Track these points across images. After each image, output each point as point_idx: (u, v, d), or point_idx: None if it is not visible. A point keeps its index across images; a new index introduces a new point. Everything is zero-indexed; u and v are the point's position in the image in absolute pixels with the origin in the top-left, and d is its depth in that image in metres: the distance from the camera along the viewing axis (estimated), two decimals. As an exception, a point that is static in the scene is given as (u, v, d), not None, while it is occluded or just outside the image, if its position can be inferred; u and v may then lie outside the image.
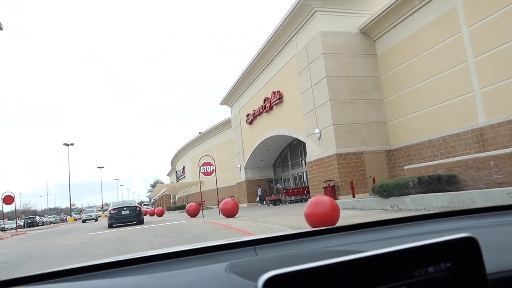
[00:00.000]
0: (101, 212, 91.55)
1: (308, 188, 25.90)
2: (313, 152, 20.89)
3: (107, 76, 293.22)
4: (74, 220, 61.84)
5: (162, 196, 54.72)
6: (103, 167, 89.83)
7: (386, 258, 0.53)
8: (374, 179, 16.93)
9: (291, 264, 0.48)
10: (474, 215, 1.26)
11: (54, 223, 71.67)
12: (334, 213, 7.65)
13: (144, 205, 64.73)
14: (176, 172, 65.62)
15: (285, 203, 25.60)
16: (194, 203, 20.51)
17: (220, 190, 43.59)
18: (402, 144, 19.08)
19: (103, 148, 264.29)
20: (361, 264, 0.51)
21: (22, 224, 55.14)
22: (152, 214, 36.06)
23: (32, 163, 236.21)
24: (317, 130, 20.17)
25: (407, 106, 18.70)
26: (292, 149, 30.59)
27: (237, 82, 32.39)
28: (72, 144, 60.17)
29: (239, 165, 34.72)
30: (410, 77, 18.43)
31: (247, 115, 31.23)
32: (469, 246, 0.58)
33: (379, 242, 1.07)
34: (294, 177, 30.52)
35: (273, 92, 25.53)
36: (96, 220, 46.34)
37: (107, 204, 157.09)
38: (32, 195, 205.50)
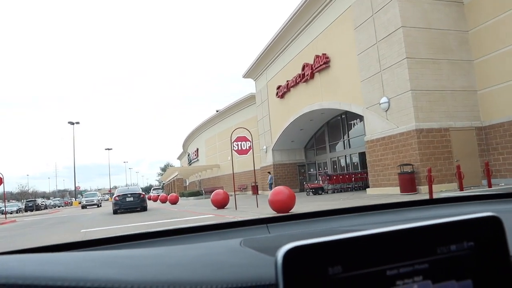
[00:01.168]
0: (109, 195, 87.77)
1: (357, 174, 21.33)
2: (376, 128, 16.18)
3: (118, 62, 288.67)
4: (79, 203, 57.96)
5: (174, 180, 50.42)
6: (111, 149, 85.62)
7: (408, 234, 0.51)
8: (486, 164, 12.18)
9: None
10: (499, 200, 1.22)
11: (58, 206, 68.13)
12: None
13: (154, 189, 60.50)
14: (189, 155, 61.30)
15: (327, 192, 21.01)
16: (221, 190, 15.96)
17: (238, 175, 39.22)
18: (501, 120, 14.29)
19: (113, 131, 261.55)
20: (383, 239, 0.50)
21: (23, 207, 51.38)
22: (163, 201, 31.57)
23: (43, 144, 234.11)
24: (384, 99, 15.44)
25: (508, 69, 13.89)
26: (331, 128, 25.86)
27: (264, 50, 27.59)
28: (77, 123, 56.29)
29: (264, 147, 30.12)
30: (516, 29, 13.60)
31: (278, 88, 26.49)
32: (493, 226, 0.55)
33: (390, 223, 0.97)
34: (333, 161, 25.83)
35: (317, 56, 20.73)
36: (99, 205, 39.88)
37: (115, 187, 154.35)
38: (42, 177, 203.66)
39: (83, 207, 38.42)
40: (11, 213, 49.46)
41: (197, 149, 53.75)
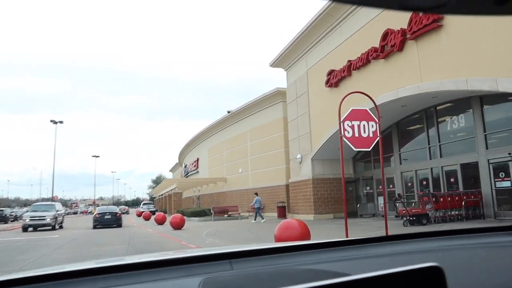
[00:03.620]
0: (93, 207, 78.79)
1: (470, 196, 14.05)
2: None
3: (110, 73, 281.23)
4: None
5: (170, 195, 42.62)
6: (98, 156, 77.41)
7: (351, 286, 0.54)
8: None
9: (266, 282, 0.51)
10: (440, 237, 1.26)
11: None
12: None
13: (144, 204, 52.29)
14: (185, 167, 53.60)
15: (431, 221, 13.58)
16: (294, 220, 8.16)
17: (252, 192, 31.61)
18: None
19: (101, 140, 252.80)
20: None
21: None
22: (160, 222, 23.55)
23: (28, 150, 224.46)
24: None
25: None
26: (403, 131, 18.68)
27: (306, 29, 20.69)
28: (61, 122, 48.49)
29: (299, 156, 22.71)
30: None
31: (329, 74, 19.36)
32: (435, 275, 0.58)
33: (353, 260, 1.07)
34: (406, 176, 18.50)
35: (416, 16, 13.62)
36: (56, 226, 22.38)
37: (101, 198, 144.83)
38: (27, 183, 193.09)
39: (26, 228, 21.53)
40: None
41: (197, 159, 46.13)
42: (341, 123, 7.25)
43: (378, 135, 7.55)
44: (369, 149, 7.78)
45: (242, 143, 33.20)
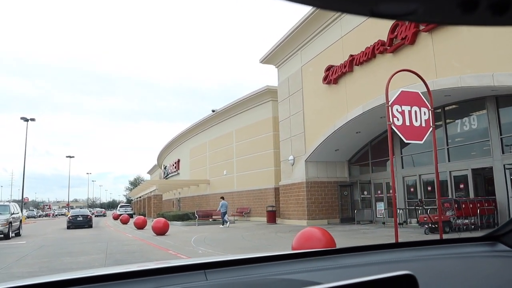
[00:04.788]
0: (67, 209, 75.45)
1: (489, 203, 12.92)
2: None
3: (87, 74, 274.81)
4: (26, 218, 47.05)
5: (150, 197, 40.64)
6: (73, 157, 74.10)
7: None
8: None
9: None
10: (412, 248, 1.28)
11: None
12: None
13: (121, 206, 49.93)
14: (165, 168, 51.59)
15: (456, 229, 12.36)
16: (319, 231, 6.80)
17: (237, 194, 30.22)
18: None
19: (77, 142, 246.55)
20: None
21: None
22: (140, 227, 21.74)
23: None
24: None
25: None
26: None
27: (302, 22, 19.33)
28: (33, 120, 45.88)
29: (291, 157, 21.32)
30: None
31: (327, 70, 18.07)
32: (408, 283, 0.60)
33: (327, 270, 1.07)
34: (408, 181, 17.36)
35: None
36: (11, 234, 16.96)
37: (76, 200, 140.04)
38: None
39: None
40: None
41: (178, 160, 44.29)
42: (389, 108, 5.88)
43: (431, 125, 6.24)
44: (422, 142, 6.44)
45: (227, 143, 31.67)
